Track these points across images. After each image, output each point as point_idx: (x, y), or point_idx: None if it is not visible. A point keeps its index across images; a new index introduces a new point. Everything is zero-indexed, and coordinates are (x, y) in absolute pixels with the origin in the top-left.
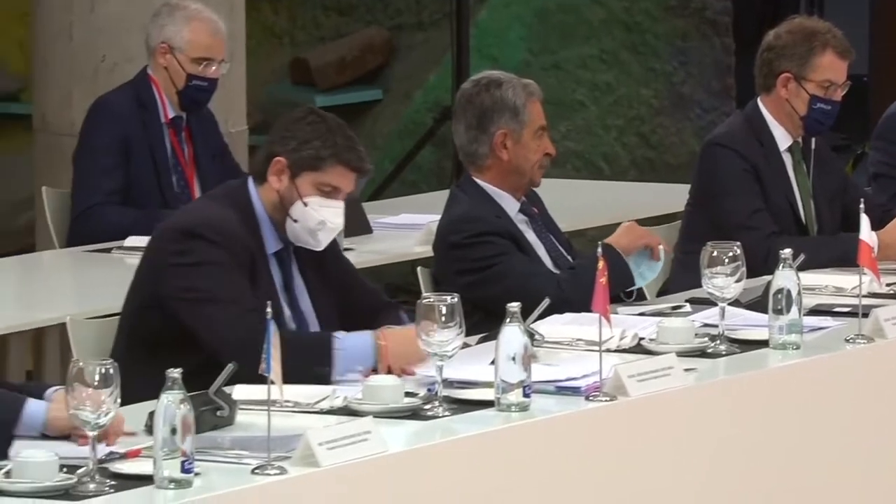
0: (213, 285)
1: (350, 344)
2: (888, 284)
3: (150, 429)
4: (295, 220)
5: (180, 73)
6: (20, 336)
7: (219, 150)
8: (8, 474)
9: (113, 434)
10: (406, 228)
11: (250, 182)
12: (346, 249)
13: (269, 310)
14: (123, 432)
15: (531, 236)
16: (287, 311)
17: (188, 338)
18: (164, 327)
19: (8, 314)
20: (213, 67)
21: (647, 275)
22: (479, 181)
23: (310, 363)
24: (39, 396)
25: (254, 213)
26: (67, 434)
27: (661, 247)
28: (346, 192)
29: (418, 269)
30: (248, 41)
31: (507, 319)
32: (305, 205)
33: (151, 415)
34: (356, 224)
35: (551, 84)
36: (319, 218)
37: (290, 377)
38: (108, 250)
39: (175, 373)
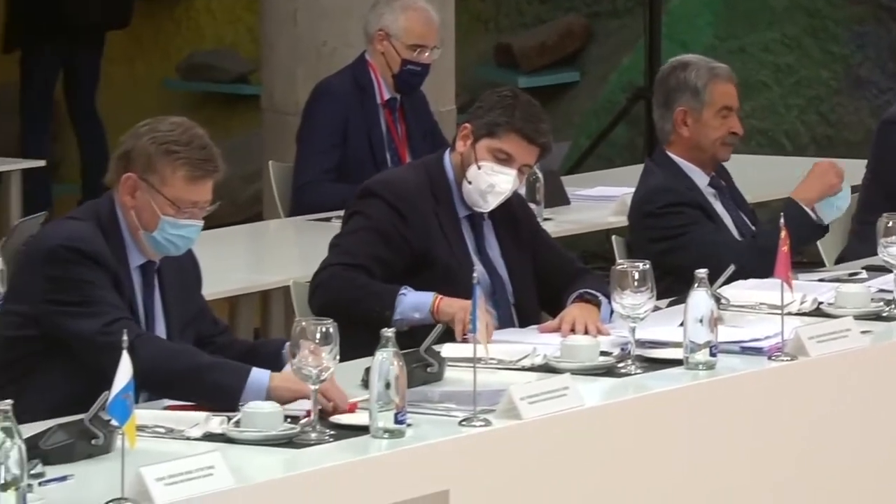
0: None
1: (413, 297)
2: None
3: (366, 383)
4: (469, 182)
5: (396, 58)
6: (248, 297)
7: (430, 128)
8: (237, 424)
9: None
10: (601, 200)
11: (446, 153)
12: (546, 219)
13: (475, 273)
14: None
15: (719, 208)
16: (481, 269)
17: None
18: None
19: (238, 277)
20: (427, 53)
21: (841, 205)
22: (671, 154)
23: (380, 306)
24: (276, 352)
25: (446, 180)
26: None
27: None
28: (521, 163)
29: (612, 237)
30: (456, 27)
31: (696, 284)
32: (479, 168)
33: (368, 371)
34: (555, 196)
35: (737, 67)
36: (490, 181)
37: (362, 318)
38: (327, 219)
39: (389, 332)
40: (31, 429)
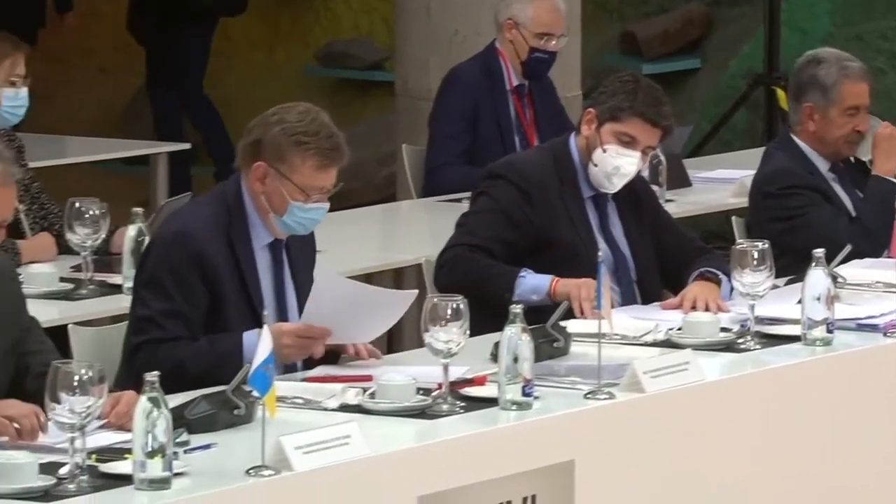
0: None
1: (531, 279)
2: None
3: (494, 357)
4: (595, 165)
5: (524, 46)
6: (382, 274)
7: (556, 112)
8: (372, 395)
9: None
10: (721, 182)
11: (571, 137)
12: (668, 201)
13: (600, 252)
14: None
15: (839, 191)
16: (605, 247)
17: None
18: None
19: (372, 255)
20: (553, 42)
21: None
22: (795, 139)
23: (500, 287)
24: None
25: (572, 163)
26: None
27: None
28: (645, 145)
29: (732, 218)
30: (582, 17)
31: (813, 263)
32: (604, 151)
33: (496, 345)
34: (677, 178)
35: (853, 54)
36: (615, 164)
37: (484, 298)
38: (458, 200)
39: (517, 309)
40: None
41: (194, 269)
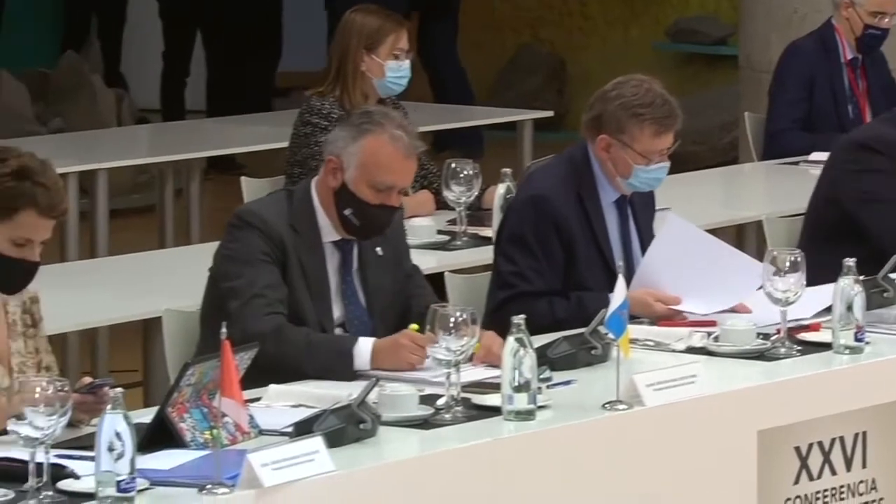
0: None
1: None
2: None
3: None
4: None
5: (859, 23)
6: (724, 230)
7: (887, 85)
8: (716, 339)
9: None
10: None
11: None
12: None
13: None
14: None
15: None
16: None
17: (858, 232)
18: (840, 221)
19: (715, 212)
20: (886, 20)
21: None
22: None
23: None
24: None
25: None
26: None
27: None
28: None
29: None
30: None
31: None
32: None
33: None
34: None
35: None
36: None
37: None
38: (795, 163)
39: (850, 261)
40: None
41: (551, 229)
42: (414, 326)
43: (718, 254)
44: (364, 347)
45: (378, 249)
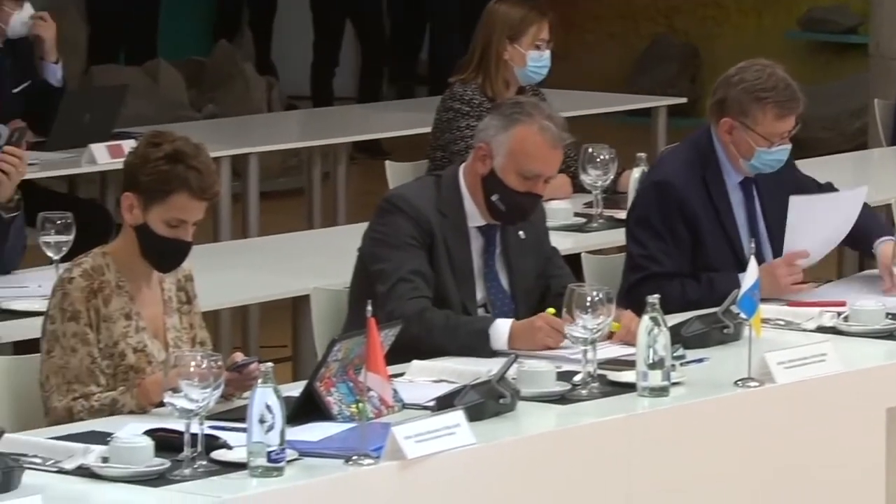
0: None
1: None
2: None
3: None
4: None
5: None
6: None
7: None
8: (845, 319)
9: None
10: None
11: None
12: None
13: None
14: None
15: None
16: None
17: None
18: None
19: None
20: None
21: None
22: None
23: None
24: None
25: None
26: None
27: None
28: None
29: None
30: None
31: None
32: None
33: None
34: None
35: None
36: None
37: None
38: None
39: None
40: None
41: (676, 213)
42: (551, 310)
43: (832, 204)
44: (502, 329)
45: (521, 233)
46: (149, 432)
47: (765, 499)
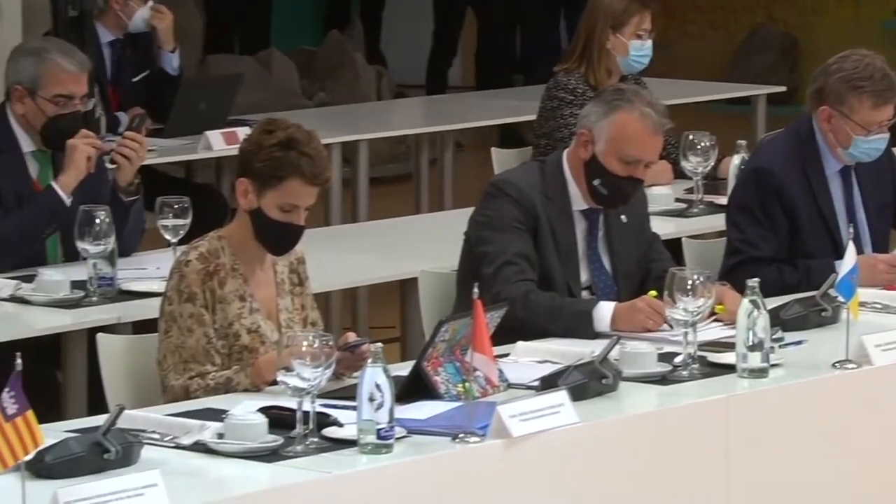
0: None
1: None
2: None
3: None
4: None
5: None
6: None
7: None
8: None
9: None
10: None
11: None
12: None
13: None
14: None
15: None
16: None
17: None
18: None
19: None
20: None
21: None
22: None
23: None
24: None
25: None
26: None
27: None
28: None
29: None
30: None
31: None
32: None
33: None
34: None
35: None
36: None
37: None
38: None
39: None
40: None
41: (774, 200)
42: (652, 293)
43: None
44: (605, 311)
45: (623, 217)
46: (262, 410)
47: (862, 479)
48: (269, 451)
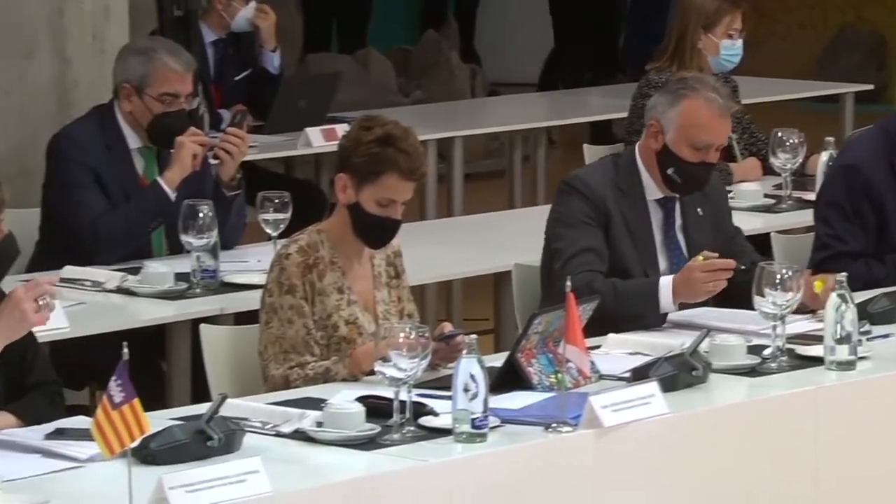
0: None
1: None
2: None
3: None
4: None
5: None
6: None
7: None
8: None
9: None
10: None
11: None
12: None
13: None
14: None
15: None
16: None
17: None
18: None
19: None
20: None
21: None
22: None
23: None
24: None
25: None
26: None
27: None
28: None
29: None
30: None
31: None
32: None
33: None
34: None
35: None
36: None
37: None
38: None
39: None
40: None
41: (862, 196)
42: (699, 258)
43: None
44: (665, 287)
45: (699, 210)
46: (360, 399)
47: None
48: (366, 439)
